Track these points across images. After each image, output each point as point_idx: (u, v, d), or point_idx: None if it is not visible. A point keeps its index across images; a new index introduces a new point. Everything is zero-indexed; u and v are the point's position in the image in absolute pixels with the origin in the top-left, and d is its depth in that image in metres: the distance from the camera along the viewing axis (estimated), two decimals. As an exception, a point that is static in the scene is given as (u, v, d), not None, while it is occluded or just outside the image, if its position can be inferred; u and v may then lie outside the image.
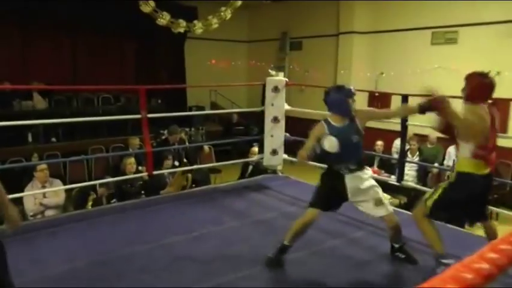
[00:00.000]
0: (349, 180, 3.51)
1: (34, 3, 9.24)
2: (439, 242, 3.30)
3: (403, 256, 3.67)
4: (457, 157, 3.47)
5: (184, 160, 7.45)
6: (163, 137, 7.92)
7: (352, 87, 3.59)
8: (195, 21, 7.46)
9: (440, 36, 9.67)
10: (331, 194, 3.57)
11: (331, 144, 3.43)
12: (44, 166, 5.74)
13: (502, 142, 8.16)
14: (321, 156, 3.58)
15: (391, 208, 3.61)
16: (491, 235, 3.53)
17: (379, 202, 3.50)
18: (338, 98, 3.53)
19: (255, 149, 6.97)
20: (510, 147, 8.35)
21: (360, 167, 3.56)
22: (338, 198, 3.58)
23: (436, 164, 8.02)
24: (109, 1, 9.72)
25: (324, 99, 3.64)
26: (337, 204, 3.64)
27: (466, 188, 3.26)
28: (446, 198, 3.28)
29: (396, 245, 3.69)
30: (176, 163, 7.16)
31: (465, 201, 3.28)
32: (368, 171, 3.63)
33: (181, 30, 7.31)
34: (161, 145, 7.34)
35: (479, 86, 3.51)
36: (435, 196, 3.32)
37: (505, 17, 8.41)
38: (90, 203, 5.92)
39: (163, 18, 6.90)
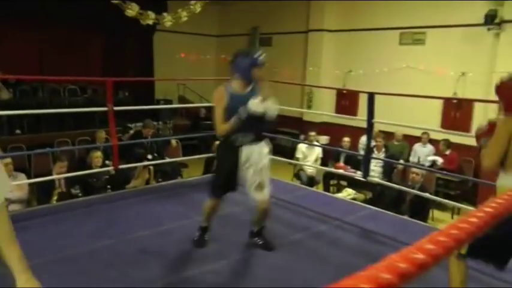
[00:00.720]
0: (245, 152, 3.39)
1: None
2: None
3: (261, 242, 3.73)
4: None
5: (155, 155, 7.43)
6: (134, 131, 7.87)
7: (261, 57, 3.36)
8: (165, 14, 7.42)
9: (408, 36, 9.85)
10: (230, 173, 3.44)
11: (255, 104, 3.27)
12: (8, 160, 5.57)
13: (465, 140, 8.48)
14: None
15: (268, 194, 3.47)
16: None
17: (262, 185, 3.42)
18: (243, 63, 3.37)
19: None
20: (473, 145, 8.60)
21: (258, 140, 3.45)
22: (235, 172, 3.43)
23: (401, 161, 8.17)
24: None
25: (231, 62, 3.48)
26: (235, 185, 3.51)
27: None
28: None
29: (255, 229, 3.73)
30: (150, 156, 7.14)
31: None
32: (266, 148, 3.50)
33: (150, 22, 7.26)
34: (134, 139, 7.30)
35: None
36: None
37: (470, 21, 8.65)
38: (55, 198, 5.82)
39: (132, 10, 6.84)
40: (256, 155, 3.39)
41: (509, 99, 2.66)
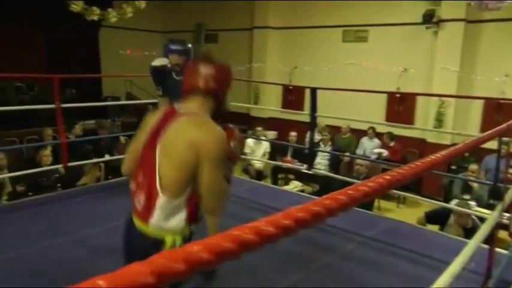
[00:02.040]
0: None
1: None
2: None
3: None
4: None
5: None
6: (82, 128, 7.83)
7: (173, 46, 3.75)
8: (110, 9, 7.39)
9: (351, 34, 10.19)
10: None
11: (161, 61, 3.73)
12: None
13: (409, 133, 8.85)
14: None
15: None
16: None
17: None
18: (164, 49, 3.80)
19: None
20: (416, 137, 9.02)
21: None
22: None
23: (347, 153, 8.44)
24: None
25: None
26: None
27: None
28: None
29: None
30: (107, 156, 7.14)
31: None
32: None
33: (95, 18, 7.22)
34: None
35: None
36: None
37: (410, 20, 9.08)
38: (5, 197, 5.74)
39: (77, 5, 6.79)
40: None
41: None
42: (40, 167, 5.88)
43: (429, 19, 8.60)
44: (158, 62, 3.73)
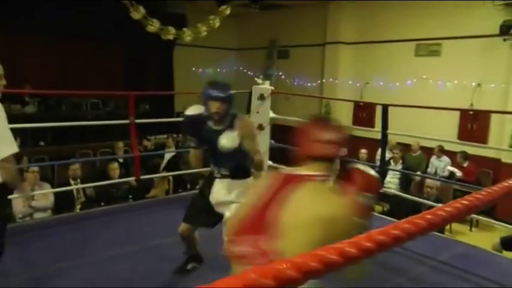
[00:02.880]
0: (217, 185, 3.27)
1: (24, 10, 9.35)
2: None
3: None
4: None
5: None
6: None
7: (214, 92, 3.08)
8: (184, 29, 7.60)
9: (424, 48, 9.90)
10: (201, 204, 3.38)
11: (196, 109, 3.21)
12: (35, 168, 5.85)
13: (482, 152, 8.47)
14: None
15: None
16: None
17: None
18: (203, 95, 3.16)
19: None
20: (490, 156, 8.59)
21: (233, 175, 3.23)
22: (207, 208, 3.30)
23: (418, 172, 8.19)
24: (99, 8, 9.82)
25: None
26: (210, 220, 3.35)
27: None
28: None
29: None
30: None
31: None
32: (244, 183, 3.21)
33: (171, 37, 7.44)
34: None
35: None
36: None
37: (485, 32, 8.66)
38: (78, 206, 6.01)
39: (153, 25, 7.04)
40: (226, 188, 3.24)
41: None
42: (110, 179, 6.12)
43: (507, 30, 8.16)
44: (193, 110, 3.20)
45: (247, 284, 0.57)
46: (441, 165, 8.62)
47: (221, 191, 3.22)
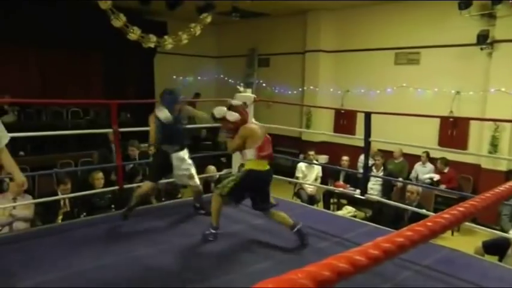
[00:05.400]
0: (174, 158, 4.77)
1: (3, 20, 9.35)
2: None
3: (203, 212, 5.09)
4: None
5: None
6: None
7: (180, 97, 5.04)
8: (166, 37, 7.58)
9: (403, 56, 10.06)
10: (160, 169, 4.92)
11: (165, 115, 4.67)
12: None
13: (462, 158, 8.60)
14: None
15: (197, 181, 5.06)
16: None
17: (191, 176, 4.94)
18: (169, 99, 4.80)
19: (211, 167, 7.53)
20: (470, 162, 8.74)
21: (182, 149, 4.84)
22: (165, 171, 4.94)
23: (400, 179, 8.26)
24: (79, 16, 9.76)
25: (160, 96, 4.90)
26: (166, 174, 5.09)
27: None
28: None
29: (197, 205, 5.22)
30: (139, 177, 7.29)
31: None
32: (186, 153, 4.91)
33: (152, 45, 7.42)
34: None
35: None
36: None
37: (463, 41, 8.86)
38: (60, 217, 5.92)
39: (134, 33, 7.01)
40: (181, 159, 4.84)
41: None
42: (93, 188, 6.05)
43: (483, 40, 8.38)
44: (165, 117, 4.71)
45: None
46: (424, 171, 8.73)
47: (179, 161, 4.82)
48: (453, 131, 9.15)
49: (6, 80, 10.27)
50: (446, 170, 8.45)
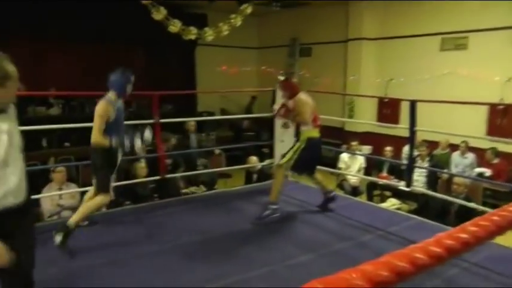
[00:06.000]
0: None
1: (49, 18, 9.64)
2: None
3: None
4: None
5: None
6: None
7: (131, 76, 4.33)
8: (206, 29, 7.57)
9: (449, 41, 9.63)
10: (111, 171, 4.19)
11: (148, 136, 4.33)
12: (62, 168, 5.97)
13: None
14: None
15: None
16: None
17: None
18: (120, 81, 4.24)
19: (254, 158, 7.48)
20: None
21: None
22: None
23: (445, 170, 7.98)
24: (120, 11, 9.87)
25: (109, 79, 4.29)
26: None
27: None
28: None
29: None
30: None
31: None
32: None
33: (192, 37, 7.42)
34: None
35: None
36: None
37: (513, 23, 8.39)
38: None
39: (175, 26, 7.02)
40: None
41: (292, 91, 4.80)
42: (135, 178, 6.12)
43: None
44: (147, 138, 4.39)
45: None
46: (466, 162, 8.35)
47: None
48: (503, 119, 8.70)
49: (52, 74, 10.54)
50: (495, 161, 8.09)
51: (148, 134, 4.25)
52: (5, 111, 2.26)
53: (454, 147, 8.74)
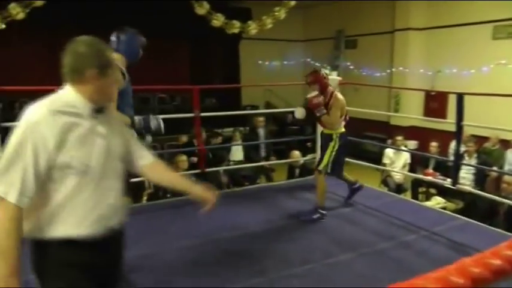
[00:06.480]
0: None
1: (97, 11, 9.85)
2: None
3: None
4: None
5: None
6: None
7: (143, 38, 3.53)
8: (250, 22, 7.56)
9: (502, 29, 9.11)
10: None
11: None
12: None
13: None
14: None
15: None
16: None
17: None
18: (133, 41, 3.55)
19: (296, 152, 7.46)
20: None
21: None
22: None
23: (495, 168, 7.61)
24: (164, 6, 9.95)
25: (117, 36, 3.58)
26: None
27: None
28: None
29: None
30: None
31: None
32: None
33: (236, 30, 7.43)
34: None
35: None
36: None
37: None
38: (145, 198, 6.11)
39: (218, 20, 7.07)
40: None
41: (321, 83, 4.61)
42: (177, 171, 6.16)
43: None
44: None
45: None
46: (518, 159, 7.96)
47: None
48: None
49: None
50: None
51: (155, 122, 3.47)
52: (102, 111, 1.86)
53: (504, 143, 8.36)
